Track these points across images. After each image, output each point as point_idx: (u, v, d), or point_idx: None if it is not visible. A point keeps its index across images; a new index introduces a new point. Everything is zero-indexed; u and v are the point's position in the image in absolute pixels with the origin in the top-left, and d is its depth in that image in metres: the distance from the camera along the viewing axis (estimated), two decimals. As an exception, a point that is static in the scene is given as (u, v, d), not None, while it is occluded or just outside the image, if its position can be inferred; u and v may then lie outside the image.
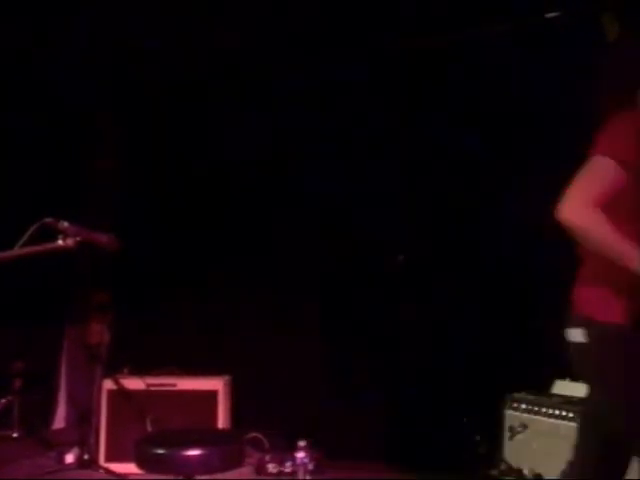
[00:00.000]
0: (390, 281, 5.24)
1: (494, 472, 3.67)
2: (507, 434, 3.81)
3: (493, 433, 3.89)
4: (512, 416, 3.83)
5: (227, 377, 5.15)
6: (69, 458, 5.12)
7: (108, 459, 4.96)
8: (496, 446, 3.84)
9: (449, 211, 5.04)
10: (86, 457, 5.03)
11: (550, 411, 3.69)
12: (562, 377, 3.89)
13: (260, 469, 4.90)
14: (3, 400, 5.54)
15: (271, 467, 4.89)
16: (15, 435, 5.62)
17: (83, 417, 5.40)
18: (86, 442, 5.08)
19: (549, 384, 3.91)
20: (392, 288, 5.23)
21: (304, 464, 4.77)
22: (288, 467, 4.85)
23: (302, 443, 4.81)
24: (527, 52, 4.54)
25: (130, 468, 4.11)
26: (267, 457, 4.94)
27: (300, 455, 4.78)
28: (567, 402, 3.69)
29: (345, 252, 5.34)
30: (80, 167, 5.96)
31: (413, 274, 5.16)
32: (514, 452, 3.75)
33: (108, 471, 4.89)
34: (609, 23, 4.08)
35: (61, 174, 5.78)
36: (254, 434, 5.12)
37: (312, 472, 4.79)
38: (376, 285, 5.27)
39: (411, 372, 5.04)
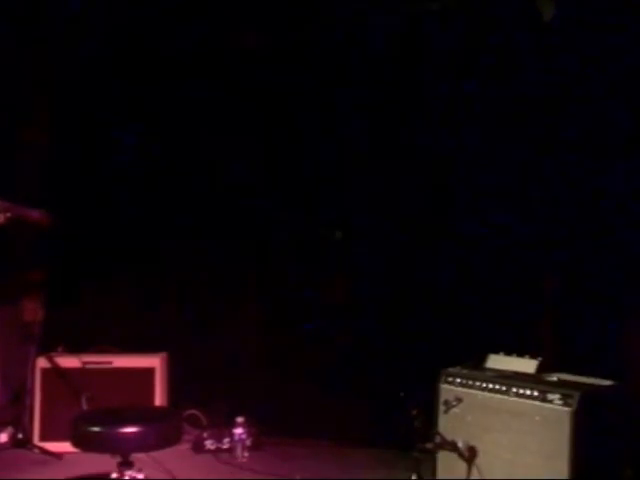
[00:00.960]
0: (325, 253, 5.27)
1: (429, 445, 3.74)
2: (442, 408, 3.88)
3: (429, 407, 3.95)
4: (447, 390, 3.90)
5: (164, 354, 5.12)
6: (3, 438, 5.04)
7: (43, 438, 4.90)
8: (431, 420, 3.91)
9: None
10: (20, 436, 4.96)
11: (484, 385, 3.76)
12: (496, 351, 3.97)
13: (198, 446, 4.90)
14: None
15: (209, 444, 4.90)
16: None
17: (17, 396, 5.31)
18: (20, 421, 5.01)
19: (483, 358, 3.99)
20: (329, 259, 5.26)
21: (242, 440, 4.79)
22: (226, 443, 4.86)
23: (240, 419, 4.84)
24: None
25: (65, 447, 4.07)
26: (205, 434, 4.94)
27: (238, 431, 4.81)
28: (501, 376, 3.78)
29: (282, 220, 5.36)
30: (6, 139, 5.80)
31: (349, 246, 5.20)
32: (449, 425, 3.82)
33: (43, 450, 4.83)
34: (544, 3, 4.13)
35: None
36: (192, 411, 5.12)
37: (250, 448, 4.82)
38: (312, 256, 5.30)
39: (347, 347, 5.09)
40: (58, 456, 4.72)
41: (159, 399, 4.94)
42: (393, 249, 5.05)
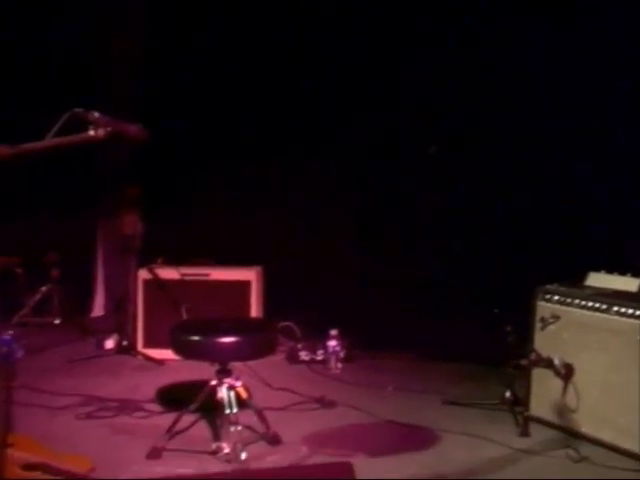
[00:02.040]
0: (421, 170, 5.18)
1: (524, 362, 3.71)
2: (538, 325, 3.82)
3: (523, 325, 3.90)
4: (544, 307, 3.83)
5: (259, 267, 5.20)
6: (109, 344, 5.28)
7: (146, 345, 5.10)
8: (527, 337, 3.87)
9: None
10: (125, 343, 5.18)
11: (583, 302, 3.68)
12: (597, 269, 3.86)
13: (292, 357, 5.01)
14: (43, 288, 5.68)
15: (303, 355, 5.00)
16: (56, 322, 5.80)
17: (120, 306, 5.53)
18: (124, 329, 5.23)
19: (582, 276, 3.89)
20: (424, 177, 5.18)
21: (335, 352, 4.88)
22: (320, 355, 4.95)
23: (334, 332, 4.91)
24: None
25: (167, 354, 4.23)
26: (299, 345, 5.05)
27: (332, 343, 4.89)
28: (601, 294, 3.68)
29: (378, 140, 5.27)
30: (97, 52, 5.86)
31: (444, 164, 5.09)
32: (545, 343, 3.77)
33: (146, 357, 5.04)
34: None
35: (78, 61, 5.68)
36: (286, 323, 5.21)
37: (343, 360, 4.90)
38: (408, 173, 5.22)
39: (442, 262, 5.04)
40: (160, 362, 4.91)
41: (255, 311, 5.06)
42: (491, 163, 4.92)
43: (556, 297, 3.81)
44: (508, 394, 4.00)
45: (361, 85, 5.28)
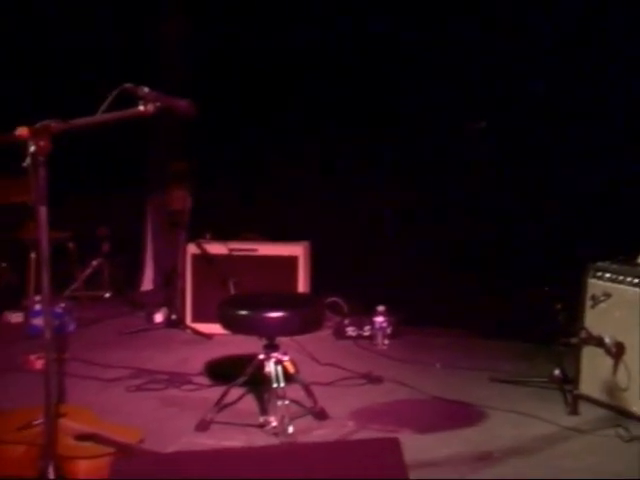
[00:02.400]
0: (471, 146, 5.11)
1: (574, 340, 3.66)
2: (589, 303, 3.76)
3: (574, 302, 3.84)
4: (595, 285, 3.77)
5: (306, 243, 5.21)
6: (158, 318, 5.36)
7: (194, 319, 5.16)
8: (577, 315, 3.81)
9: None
10: (173, 317, 5.25)
11: (635, 280, 3.61)
12: (649, 247, 3.78)
13: (339, 332, 5.02)
14: (94, 262, 5.77)
15: (350, 330, 5.00)
16: (107, 295, 5.90)
17: (169, 280, 5.60)
18: (173, 303, 5.29)
19: (635, 254, 3.81)
20: (474, 152, 5.11)
21: (382, 328, 4.87)
22: (367, 331, 4.95)
23: (381, 308, 4.90)
24: None
25: (215, 328, 4.27)
26: (346, 321, 5.05)
27: (379, 319, 4.88)
28: (653, 272, 3.61)
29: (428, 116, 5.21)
30: (150, 29, 5.89)
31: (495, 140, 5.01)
32: (595, 321, 3.71)
33: (194, 330, 5.10)
34: None
35: (135, 39, 5.72)
36: (333, 299, 5.21)
37: (390, 336, 4.89)
38: (459, 148, 5.15)
39: (492, 239, 4.98)
40: (208, 336, 4.96)
41: (302, 286, 5.07)
42: (542, 139, 4.84)
43: (607, 275, 3.74)
44: (557, 372, 3.95)
45: (411, 61, 5.20)
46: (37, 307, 4.83)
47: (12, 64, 5.44)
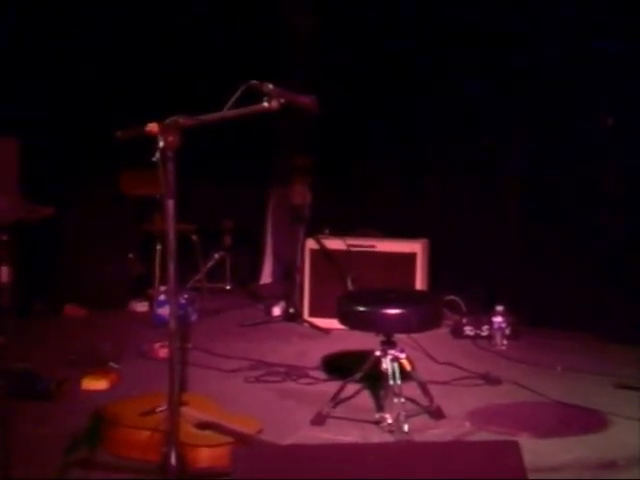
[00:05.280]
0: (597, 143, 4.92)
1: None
2: None
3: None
4: None
5: (425, 240, 5.17)
6: (276, 311, 5.44)
7: (311, 314, 5.21)
8: None
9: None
10: (291, 311, 5.32)
11: None
12: None
13: (457, 331, 4.95)
14: (216, 255, 5.93)
15: (468, 330, 4.92)
16: (228, 287, 6.05)
17: (288, 274, 5.68)
18: (291, 297, 5.36)
19: None
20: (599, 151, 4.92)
21: (501, 329, 4.77)
22: (485, 331, 4.86)
23: (500, 308, 4.80)
24: None
25: (332, 323, 4.30)
26: (464, 320, 4.97)
27: (497, 320, 4.78)
28: None
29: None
30: (278, 26, 5.96)
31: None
32: None
33: (312, 325, 5.15)
34: None
35: (260, 35, 5.81)
36: (451, 297, 5.15)
37: (509, 337, 4.79)
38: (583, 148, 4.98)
39: (621, 240, 4.78)
40: (326, 331, 5.00)
41: (419, 283, 5.04)
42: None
43: None
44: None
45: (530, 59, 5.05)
46: (162, 297, 4.99)
47: (147, 64, 5.63)
